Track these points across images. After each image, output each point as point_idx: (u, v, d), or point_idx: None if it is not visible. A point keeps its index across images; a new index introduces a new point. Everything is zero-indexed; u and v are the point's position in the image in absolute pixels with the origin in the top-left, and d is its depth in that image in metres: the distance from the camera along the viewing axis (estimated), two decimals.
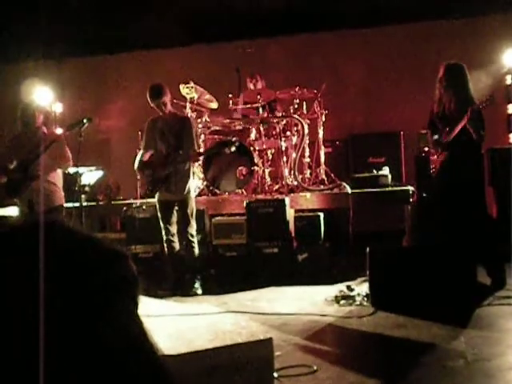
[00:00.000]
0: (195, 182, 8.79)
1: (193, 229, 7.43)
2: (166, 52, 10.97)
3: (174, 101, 8.91)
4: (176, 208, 7.42)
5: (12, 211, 8.94)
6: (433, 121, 6.88)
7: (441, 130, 6.73)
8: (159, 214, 7.46)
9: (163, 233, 7.47)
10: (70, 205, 7.57)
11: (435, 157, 6.92)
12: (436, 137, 6.79)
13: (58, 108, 11.14)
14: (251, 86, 9.44)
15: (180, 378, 0.87)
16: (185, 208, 7.36)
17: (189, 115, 8.49)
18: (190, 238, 7.40)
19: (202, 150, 7.67)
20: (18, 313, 0.77)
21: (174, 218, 7.46)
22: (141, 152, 7.50)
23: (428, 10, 9.60)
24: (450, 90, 6.69)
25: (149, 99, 7.26)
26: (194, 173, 8.66)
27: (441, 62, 6.70)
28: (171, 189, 7.28)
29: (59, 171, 7.20)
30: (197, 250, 7.47)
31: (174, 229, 7.46)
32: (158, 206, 7.47)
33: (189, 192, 7.40)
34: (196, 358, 2.27)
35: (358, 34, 10.23)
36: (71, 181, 7.82)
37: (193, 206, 7.45)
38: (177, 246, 7.50)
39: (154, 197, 7.49)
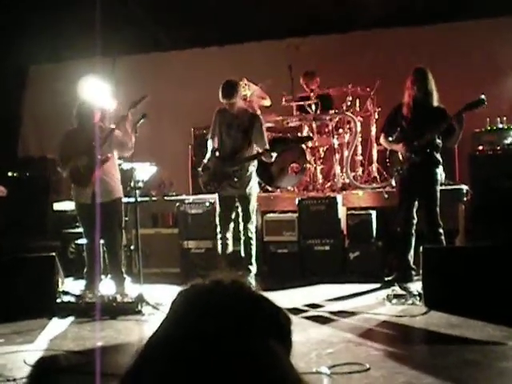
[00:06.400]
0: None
1: (253, 225, 7.31)
2: (218, 49, 11.03)
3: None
4: (237, 204, 7.28)
5: (68, 206, 9.16)
6: (393, 122, 7.17)
7: (409, 133, 6.98)
8: (219, 210, 7.37)
9: (218, 230, 7.36)
10: (124, 200, 7.71)
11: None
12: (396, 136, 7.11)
13: (112, 105, 11.28)
14: (304, 85, 9.39)
15: None
16: (247, 204, 7.21)
17: (258, 112, 8.32)
18: (250, 234, 7.26)
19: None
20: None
21: (233, 215, 7.34)
22: (209, 142, 7.42)
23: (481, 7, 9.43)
24: (420, 93, 6.93)
25: (221, 96, 7.08)
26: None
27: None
28: (235, 184, 7.15)
29: (117, 165, 7.30)
30: (254, 248, 7.33)
31: (231, 226, 7.35)
32: (218, 201, 7.37)
33: (252, 188, 7.27)
34: None
35: (412, 31, 10.12)
36: (126, 176, 7.96)
37: (255, 203, 7.33)
38: (231, 245, 7.39)
39: (212, 193, 7.45)
